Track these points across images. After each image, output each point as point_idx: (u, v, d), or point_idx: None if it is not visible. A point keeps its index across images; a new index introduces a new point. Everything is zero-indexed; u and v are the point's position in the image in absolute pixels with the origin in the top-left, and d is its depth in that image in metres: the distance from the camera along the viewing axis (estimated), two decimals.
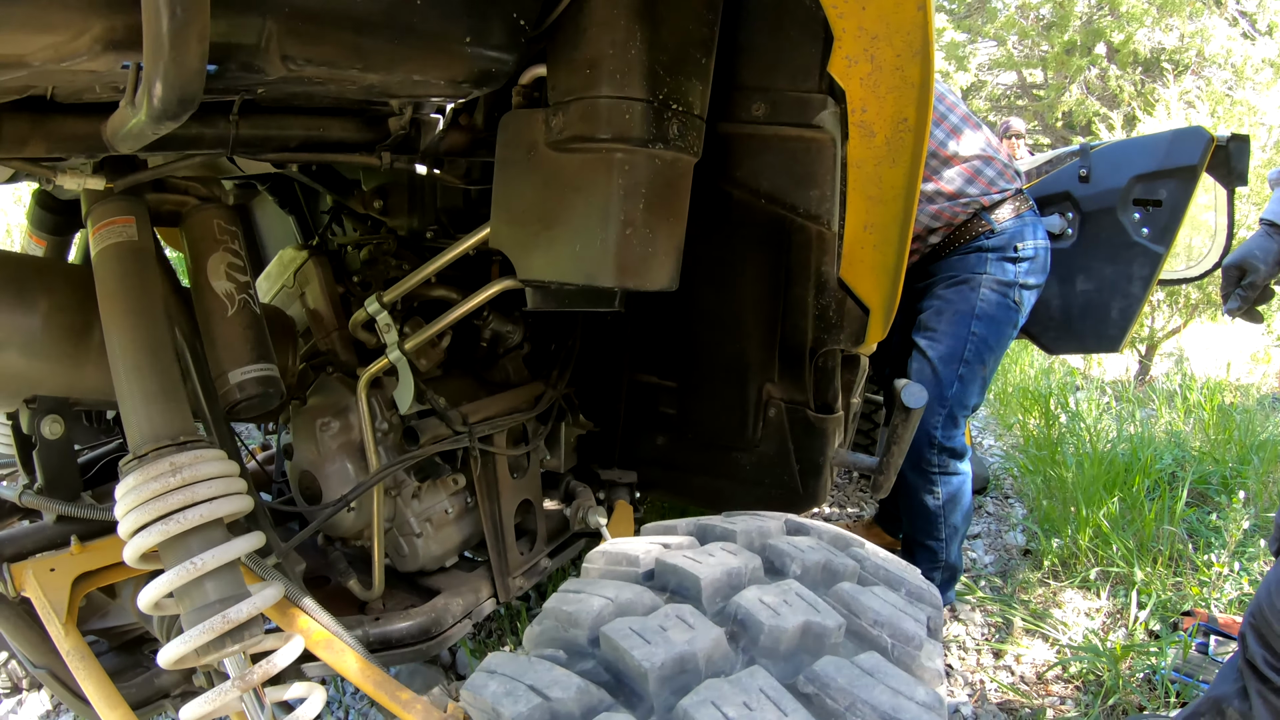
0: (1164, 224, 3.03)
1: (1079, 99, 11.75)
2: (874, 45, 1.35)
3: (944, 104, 2.59)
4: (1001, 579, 3.49)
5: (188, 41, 0.78)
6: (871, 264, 1.65)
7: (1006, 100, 13.91)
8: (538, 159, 1.33)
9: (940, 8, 13.11)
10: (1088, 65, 11.68)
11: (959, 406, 2.57)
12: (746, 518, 1.25)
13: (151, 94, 0.83)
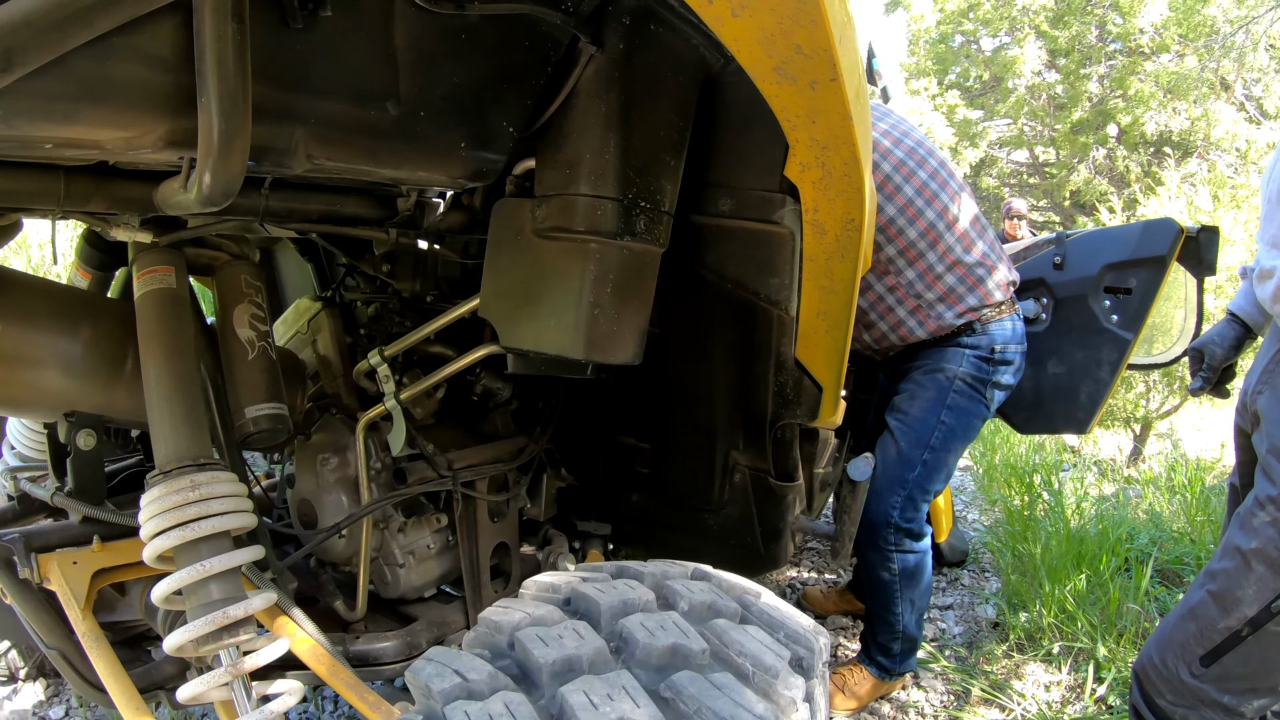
0: (1134, 311, 3.22)
1: (1087, 178, 12.09)
2: (824, 154, 1.58)
3: (946, 192, 2.71)
4: (968, 649, 3.64)
5: (233, 148, 1.03)
6: (824, 347, 1.87)
7: (1018, 177, 14.29)
8: (523, 243, 1.56)
9: (954, 84, 13.56)
10: (1095, 145, 12.03)
11: (919, 490, 2.72)
12: (659, 563, 1.47)
13: (201, 183, 1.08)
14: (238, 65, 1.00)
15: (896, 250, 2.66)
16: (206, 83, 0.99)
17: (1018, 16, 12.26)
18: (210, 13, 0.96)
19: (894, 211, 2.64)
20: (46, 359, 1.53)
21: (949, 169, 2.79)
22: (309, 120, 1.21)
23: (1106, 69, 11.79)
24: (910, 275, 2.67)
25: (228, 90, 1.00)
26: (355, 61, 1.22)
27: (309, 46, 1.16)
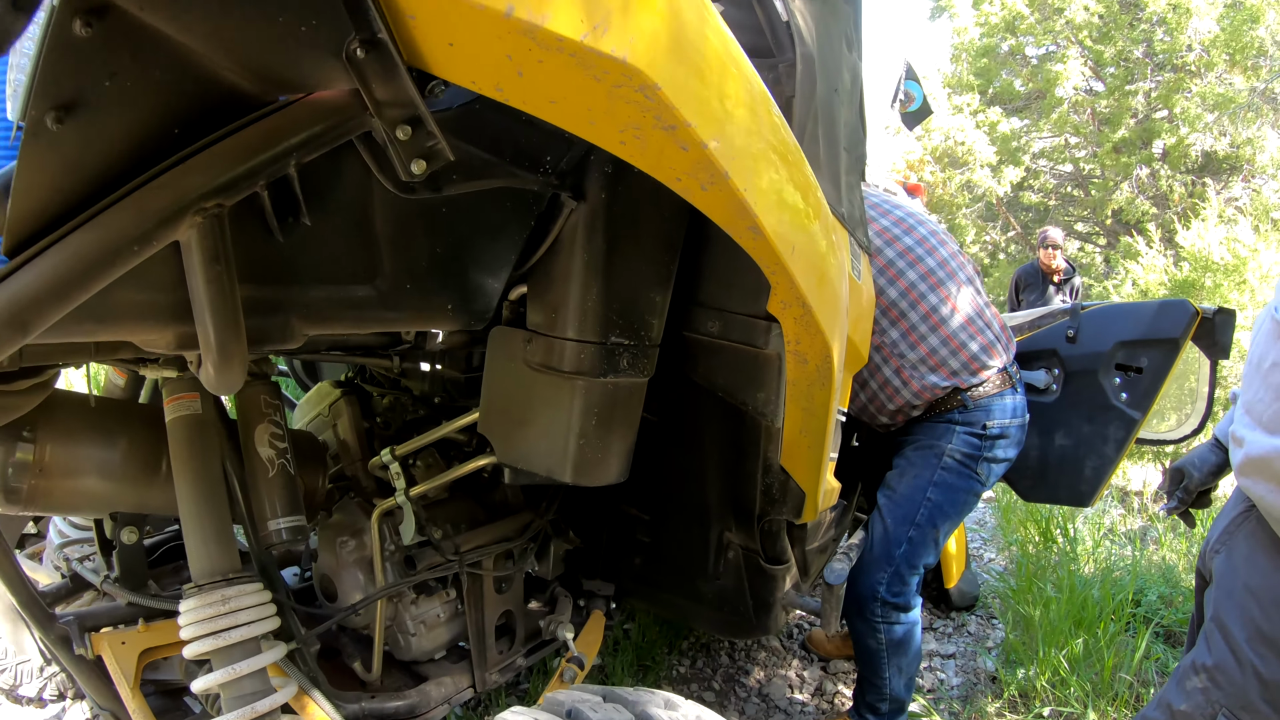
0: (1143, 390, 3.28)
1: (1130, 197, 11.97)
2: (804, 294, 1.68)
3: (934, 258, 2.79)
4: (962, 704, 3.74)
5: (230, 355, 1.20)
6: (806, 460, 1.99)
7: (1061, 191, 14.16)
8: (517, 370, 1.69)
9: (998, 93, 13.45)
10: (1138, 164, 11.90)
11: (906, 566, 2.81)
12: (643, 692, 1.61)
13: (208, 377, 1.23)
14: (226, 294, 1.17)
15: (900, 334, 2.75)
16: (202, 310, 1.16)
17: (1062, 30, 12.13)
18: (197, 258, 1.12)
19: (895, 295, 2.74)
20: (89, 469, 1.68)
21: (959, 260, 2.87)
22: (300, 307, 1.37)
23: (1152, 85, 11.65)
24: (912, 357, 2.76)
25: (219, 315, 1.17)
26: (338, 251, 1.38)
27: (293, 247, 1.31)
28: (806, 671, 3.85)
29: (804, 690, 3.70)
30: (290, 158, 1.10)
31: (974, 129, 12.92)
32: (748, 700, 3.56)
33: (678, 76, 1.01)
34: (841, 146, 2.23)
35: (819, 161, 2.01)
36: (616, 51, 0.91)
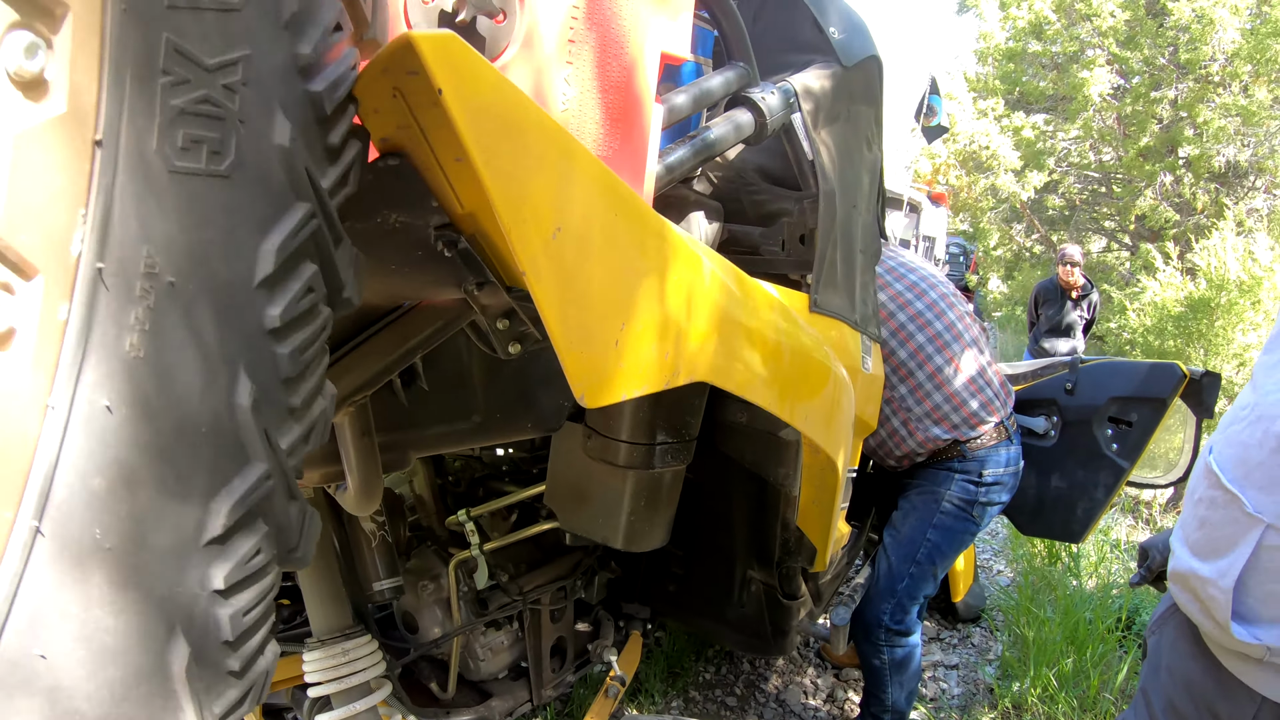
0: (1133, 443, 3.60)
1: (1153, 204, 12.10)
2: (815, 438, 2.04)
3: (942, 322, 3.07)
4: (960, 713, 4.10)
5: (371, 489, 1.56)
6: (818, 523, 2.36)
7: (1088, 191, 14.27)
8: (578, 457, 2.03)
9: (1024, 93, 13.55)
10: (1162, 171, 12.01)
11: (908, 598, 3.15)
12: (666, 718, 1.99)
13: (350, 500, 1.60)
14: (371, 452, 1.54)
15: (908, 389, 3.08)
16: (350, 462, 1.53)
17: (1088, 38, 12.23)
18: (349, 433, 1.50)
19: (905, 355, 3.06)
20: None
21: (965, 322, 3.18)
22: (416, 444, 1.76)
23: (1176, 93, 11.75)
24: (916, 411, 3.09)
25: (364, 466, 1.54)
26: (446, 400, 1.74)
27: (414, 402, 1.68)
28: (820, 679, 4.20)
29: (817, 696, 4.05)
30: (418, 352, 1.46)
31: (999, 134, 13.05)
32: (766, 705, 3.92)
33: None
34: (858, 251, 2.56)
35: (836, 283, 2.35)
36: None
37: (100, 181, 0.48)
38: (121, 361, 0.50)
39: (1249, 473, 1.53)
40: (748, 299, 1.62)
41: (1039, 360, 4.16)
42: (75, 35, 0.46)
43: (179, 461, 0.54)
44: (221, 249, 0.55)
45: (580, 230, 1.02)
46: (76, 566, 0.49)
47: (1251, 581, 1.49)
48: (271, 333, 0.61)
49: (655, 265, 1.22)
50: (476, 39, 1.32)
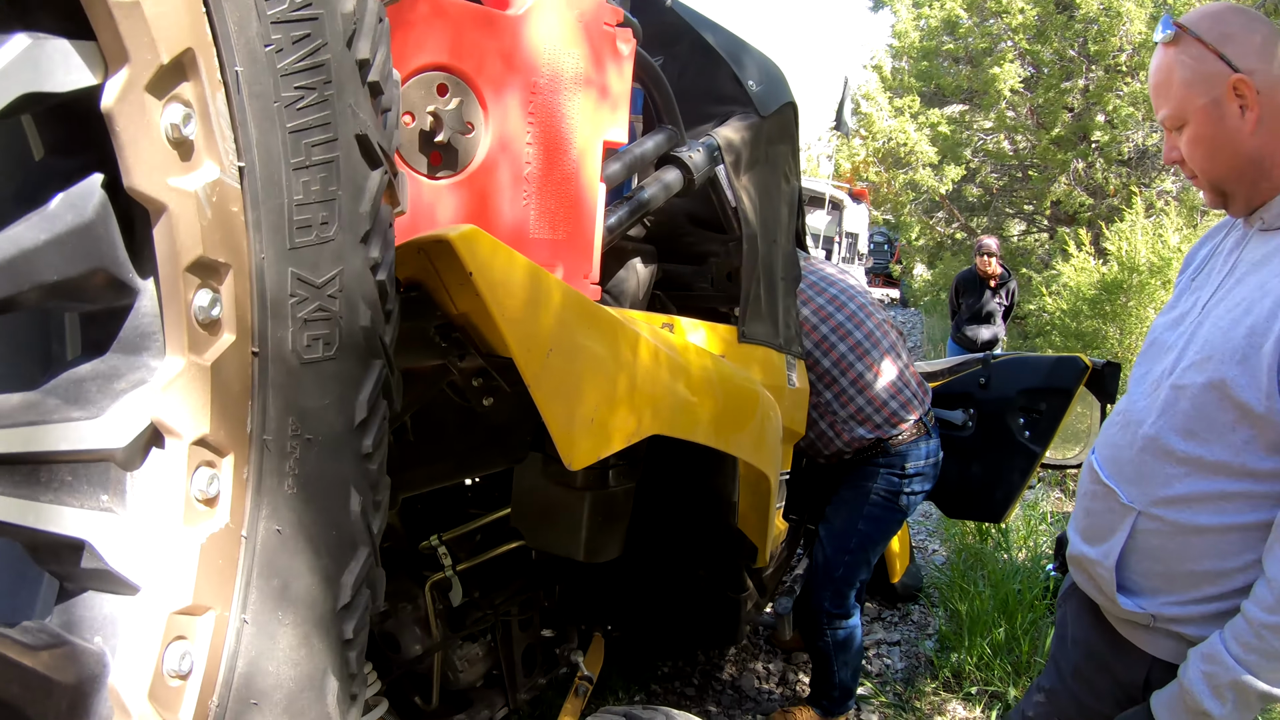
0: (1043, 429, 3.97)
1: (1067, 189, 12.73)
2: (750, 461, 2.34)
3: (861, 331, 3.36)
4: (904, 685, 4.45)
5: None
6: (755, 525, 2.67)
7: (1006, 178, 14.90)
8: (539, 482, 2.29)
9: (941, 86, 14.11)
10: (1075, 158, 12.64)
11: (844, 584, 3.46)
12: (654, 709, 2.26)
13: None
14: None
15: (833, 395, 3.39)
16: None
17: (999, 34, 12.82)
18: None
19: (828, 365, 3.36)
20: None
21: (883, 329, 3.50)
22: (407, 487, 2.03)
23: (1087, 82, 12.38)
24: (841, 414, 3.40)
25: None
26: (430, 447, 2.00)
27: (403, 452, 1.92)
28: (772, 665, 4.51)
29: (770, 681, 4.36)
30: (405, 414, 1.71)
31: (916, 130, 13.58)
32: (723, 693, 4.21)
33: None
34: (779, 279, 2.86)
35: (761, 313, 2.65)
36: None
37: (259, 379, 0.73)
38: (283, 498, 0.75)
39: (1121, 469, 1.79)
40: (684, 360, 1.92)
41: (953, 358, 4.52)
42: (237, 283, 0.72)
43: (322, 558, 0.79)
44: (335, 408, 0.81)
45: (565, 347, 1.36)
46: (269, 639, 0.74)
47: (1131, 560, 1.75)
48: (365, 456, 0.86)
49: (615, 357, 1.55)
50: (450, 153, 1.59)
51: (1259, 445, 1.57)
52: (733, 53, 2.82)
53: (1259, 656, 1.52)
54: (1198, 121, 1.66)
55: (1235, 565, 1.62)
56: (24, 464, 0.60)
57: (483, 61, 1.63)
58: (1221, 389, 1.58)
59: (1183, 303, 1.85)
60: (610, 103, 1.91)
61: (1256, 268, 1.66)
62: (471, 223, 1.59)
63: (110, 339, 0.66)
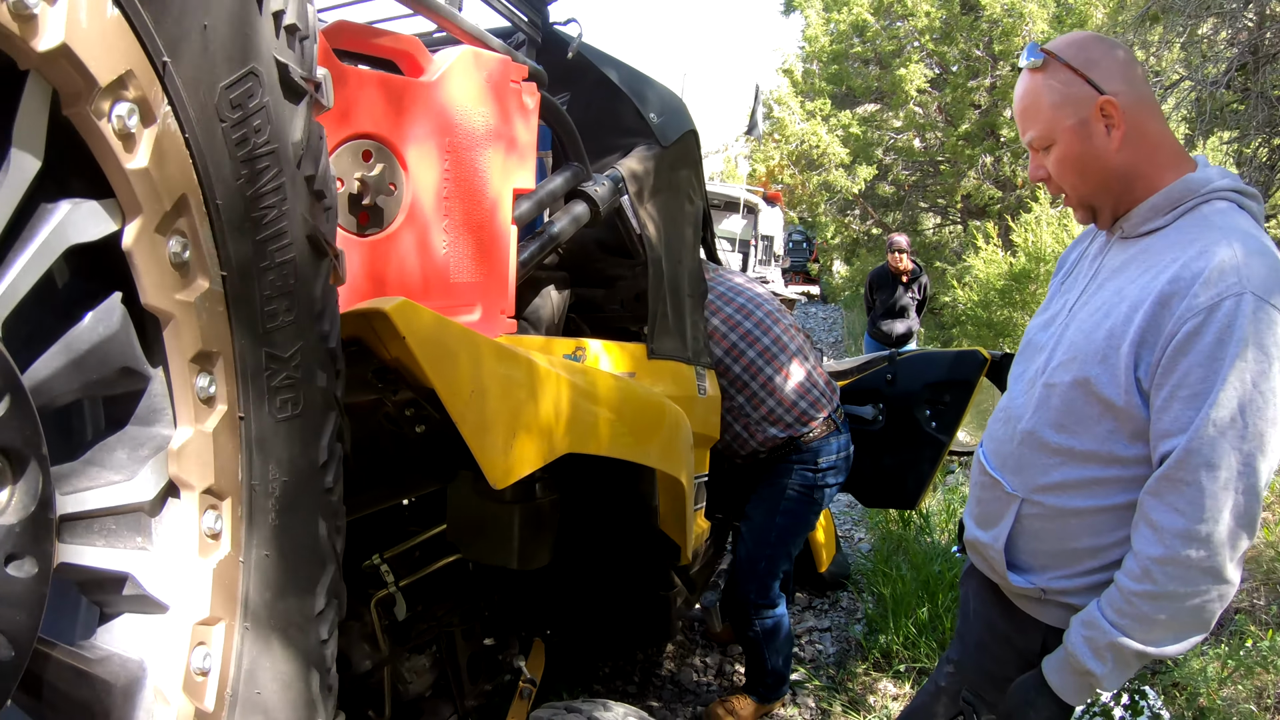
0: (949, 420, 4.27)
1: (976, 183, 13.32)
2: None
3: (769, 337, 3.60)
4: (837, 668, 4.73)
5: None
6: (676, 525, 2.90)
7: (918, 174, 15.50)
8: (471, 499, 2.49)
9: (848, 99, 14.65)
10: (983, 153, 13.24)
11: (768, 576, 3.70)
12: (591, 701, 2.49)
13: None
14: None
15: (745, 398, 3.65)
16: None
17: (906, 37, 13.38)
18: None
19: (739, 370, 3.60)
20: None
21: (790, 334, 3.76)
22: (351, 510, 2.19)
23: (993, 80, 12.99)
24: (754, 416, 3.66)
25: None
26: (370, 473, 2.19)
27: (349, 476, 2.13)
28: (709, 658, 4.74)
29: (708, 673, 4.59)
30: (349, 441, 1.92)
31: (827, 132, 14.08)
32: (663, 688, 4.43)
33: None
34: (685, 297, 3.11)
35: (669, 330, 2.90)
36: None
37: (245, 438, 0.94)
38: (269, 529, 0.96)
39: (1004, 461, 1.94)
40: (590, 384, 2.16)
41: (861, 357, 4.83)
42: (225, 365, 0.93)
43: (300, 574, 1.01)
44: (303, 454, 1.02)
45: (483, 387, 1.60)
46: (264, 642, 0.95)
47: (1019, 542, 1.91)
48: (328, 490, 1.07)
49: (528, 390, 1.80)
50: (377, 212, 1.80)
51: (1123, 435, 1.72)
52: (634, 87, 3.06)
53: (1131, 620, 1.67)
54: (1066, 141, 1.75)
55: (1110, 541, 1.78)
56: (81, 519, 0.81)
57: (402, 127, 1.84)
58: (1086, 386, 1.74)
59: (1054, 305, 2.00)
60: (518, 154, 2.14)
61: (1116, 274, 1.80)
62: (397, 273, 1.82)
63: (129, 415, 0.87)
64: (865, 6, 13.40)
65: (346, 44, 1.91)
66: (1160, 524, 1.64)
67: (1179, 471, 1.61)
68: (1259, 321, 1.55)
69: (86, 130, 0.73)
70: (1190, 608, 1.65)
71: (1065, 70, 1.73)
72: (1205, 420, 1.57)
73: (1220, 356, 1.56)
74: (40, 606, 0.72)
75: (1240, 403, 1.56)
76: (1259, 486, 1.59)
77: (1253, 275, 1.57)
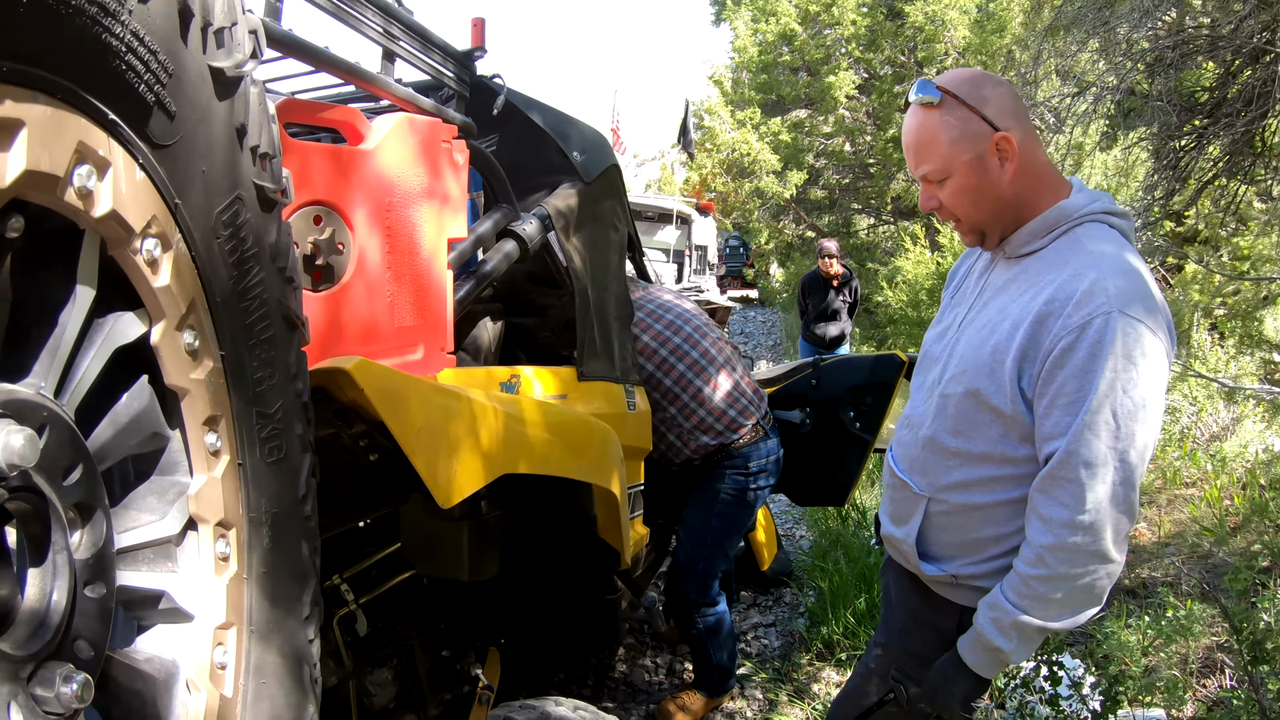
0: (872, 420, 4.54)
1: (905, 185, 13.84)
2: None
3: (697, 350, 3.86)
4: (782, 660, 5.01)
5: None
6: (614, 533, 3.15)
7: (848, 179, 16.03)
8: (422, 518, 2.70)
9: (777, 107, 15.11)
10: None
11: (707, 575, 3.94)
12: (544, 700, 2.76)
13: None
14: None
15: (677, 409, 3.93)
16: None
17: (834, 45, 13.89)
18: None
19: (670, 384, 3.85)
20: None
21: (718, 346, 4.04)
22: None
23: None
24: (686, 425, 3.95)
25: None
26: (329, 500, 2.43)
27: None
28: (659, 658, 4.94)
29: (658, 673, 4.79)
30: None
31: (758, 140, 14.51)
32: (616, 689, 4.62)
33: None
34: (612, 320, 3.40)
35: (597, 353, 3.19)
36: None
37: (243, 479, 1.21)
38: (264, 550, 1.23)
39: (911, 464, 2.12)
40: (523, 413, 2.46)
41: (787, 365, 5.16)
42: (226, 425, 1.20)
43: (289, 586, 1.27)
44: (288, 490, 1.28)
45: (431, 422, 1.90)
46: (266, 641, 1.22)
47: (929, 535, 2.09)
48: (307, 518, 1.34)
49: (467, 423, 2.09)
50: (329, 270, 2.06)
51: (1013, 438, 1.91)
52: (558, 128, 3.34)
53: (1030, 600, 1.85)
54: (963, 174, 1.87)
55: (1009, 530, 1.97)
56: (129, 552, 1.07)
57: (347, 191, 2.11)
58: (976, 396, 1.92)
59: (946, 318, 2.17)
60: (451, 207, 2.42)
61: (999, 292, 1.97)
62: (349, 322, 2.09)
63: (153, 468, 1.14)
64: (793, 16, 13.91)
65: (296, 118, 2.18)
66: (1048, 516, 1.82)
67: (1061, 470, 1.80)
68: (1126, 335, 1.73)
69: (125, 263, 1.00)
70: (1081, 586, 1.84)
71: (962, 107, 1.84)
72: (1082, 424, 1.75)
73: (1092, 369, 1.74)
74: (109, 620, 0.99)
75: (1112, 407, 1.75)
76: (1134, 478, 1.79)
77: (1119, 294, 1.75)
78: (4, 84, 0.77)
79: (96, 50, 0.87)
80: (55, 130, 0.85)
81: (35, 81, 0.82)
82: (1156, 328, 1.76)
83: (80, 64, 0.86)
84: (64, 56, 0.85)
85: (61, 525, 0.91)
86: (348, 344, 2.08)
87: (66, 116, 0.86)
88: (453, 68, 2.84)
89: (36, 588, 0.90)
